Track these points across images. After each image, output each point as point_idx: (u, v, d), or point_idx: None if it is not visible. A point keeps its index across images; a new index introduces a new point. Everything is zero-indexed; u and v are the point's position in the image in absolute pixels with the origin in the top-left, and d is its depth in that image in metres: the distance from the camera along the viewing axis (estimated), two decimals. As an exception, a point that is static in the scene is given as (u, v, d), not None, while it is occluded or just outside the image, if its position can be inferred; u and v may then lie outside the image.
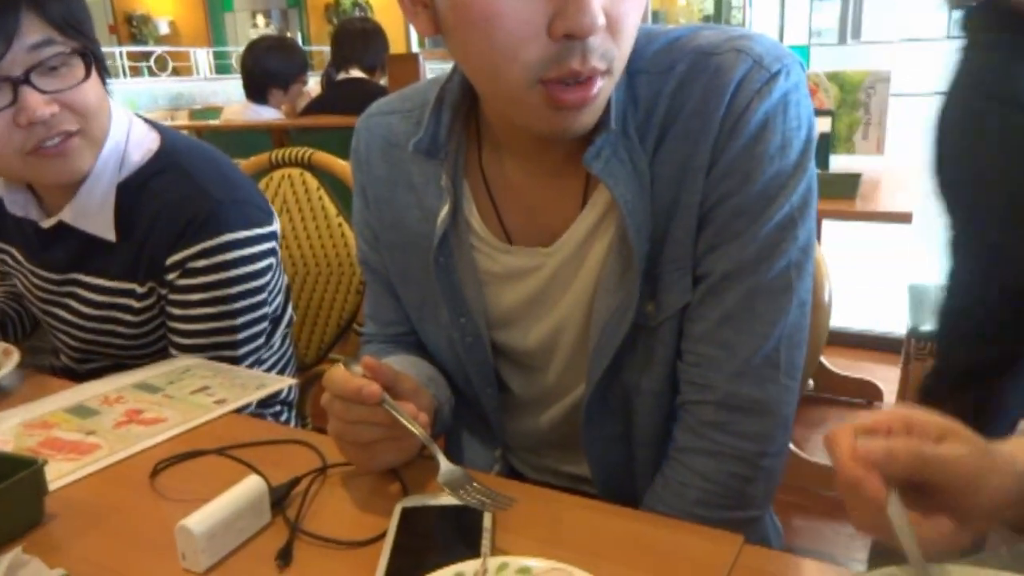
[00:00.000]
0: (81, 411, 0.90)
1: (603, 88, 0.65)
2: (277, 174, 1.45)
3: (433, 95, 0.78)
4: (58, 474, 0.75)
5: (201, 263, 1.00)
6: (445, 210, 0.78)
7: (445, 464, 0.67)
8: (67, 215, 1.01)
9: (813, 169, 0.71)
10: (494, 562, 0.54)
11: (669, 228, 0.71)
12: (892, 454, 0.47)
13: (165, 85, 7.73)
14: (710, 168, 0.69)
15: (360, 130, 0.88)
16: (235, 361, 1.04)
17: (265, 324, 1.07)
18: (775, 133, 0.68)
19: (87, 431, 0.84)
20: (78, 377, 1.07)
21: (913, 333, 1.94)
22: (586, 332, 0.78)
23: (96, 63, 0.96)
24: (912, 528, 0.47)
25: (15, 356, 1.00)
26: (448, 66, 0.79)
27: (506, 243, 0.80)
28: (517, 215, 0.79)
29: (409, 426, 0.67)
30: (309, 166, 1.41)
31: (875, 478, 0.46)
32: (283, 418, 1.09)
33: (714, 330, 0.72)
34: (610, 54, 0.63)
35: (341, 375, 0.68)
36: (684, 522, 0.65)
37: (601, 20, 0.60)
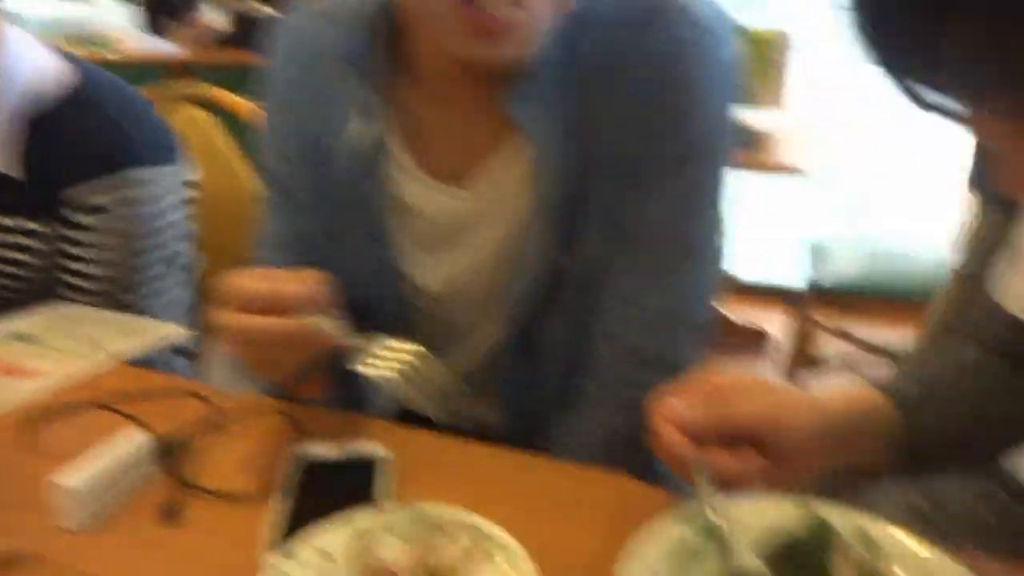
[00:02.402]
0: (-53, 361, 0.83)
1: (516, 20, 0.62)
2: (178, 113, 1.36)
3: (363, 9, 0.74)
4: (-81, 429, 0.69)
5: (102, 199, 0.95)
6: (362, 127, 0.74)
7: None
8: None
9: (734, 132, 0.73)
10: (390, 508, 0.52)
11: (593, 178, 0.71)
12: (692, 413, 0.54)
13: (49, 8, 7.10)
14: (642, 122, 0.69)
15: (286, 29, 0.82)
16: (131, 305, 0.99)
17: (164, 267, 1.03)
18: (710, 92, 0.69)
19: (-47, 383, 0.78)
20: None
21: (814, 287, 2.03)
22: (500, 277, 0.76)
23: None
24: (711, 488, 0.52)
25: None
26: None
27: (425, 175, 0.76)
28: (435, 151, 0.76)
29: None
30: (211, 105, 1.33)
31: (677, 434, 0.53)
32: (176, 367, 1.04)
33: (629, 284, 0.72)
34: None
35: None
36: (593, 471, 0.65)
37: None
